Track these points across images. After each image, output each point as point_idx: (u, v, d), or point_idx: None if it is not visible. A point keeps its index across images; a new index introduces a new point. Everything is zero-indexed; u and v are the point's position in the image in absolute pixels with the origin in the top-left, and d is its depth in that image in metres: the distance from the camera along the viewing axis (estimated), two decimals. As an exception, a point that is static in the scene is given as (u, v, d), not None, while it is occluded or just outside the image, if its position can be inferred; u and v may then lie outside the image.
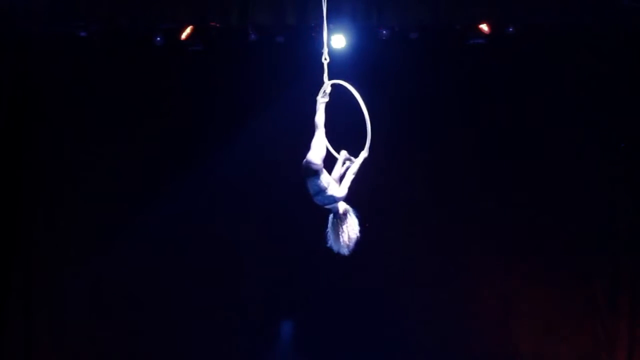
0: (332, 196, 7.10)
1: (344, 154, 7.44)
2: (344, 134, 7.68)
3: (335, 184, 7.17)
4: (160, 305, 11.25)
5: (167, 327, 11.26)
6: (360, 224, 7.25)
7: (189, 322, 11.27)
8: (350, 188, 7.22)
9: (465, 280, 11.25)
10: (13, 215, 11.29)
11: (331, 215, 7.24)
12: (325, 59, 7.43)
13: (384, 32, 10.86)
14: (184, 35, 10.83)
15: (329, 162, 7.36)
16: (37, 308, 11.28)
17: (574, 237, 11.11)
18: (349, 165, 7.36)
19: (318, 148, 7.10)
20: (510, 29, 10.76)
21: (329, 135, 7.41)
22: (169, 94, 11.35)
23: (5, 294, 11.25)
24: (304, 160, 7.06)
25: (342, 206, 7.22)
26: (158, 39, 10.87)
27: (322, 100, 7.29)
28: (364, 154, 7.37)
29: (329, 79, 7.40)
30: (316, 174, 7.05)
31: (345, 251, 7.21)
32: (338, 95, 7.51)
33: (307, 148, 7.14)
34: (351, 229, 7.20)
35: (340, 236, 7.17)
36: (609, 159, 11.12)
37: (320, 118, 7.24)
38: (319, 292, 11.23)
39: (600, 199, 11.13)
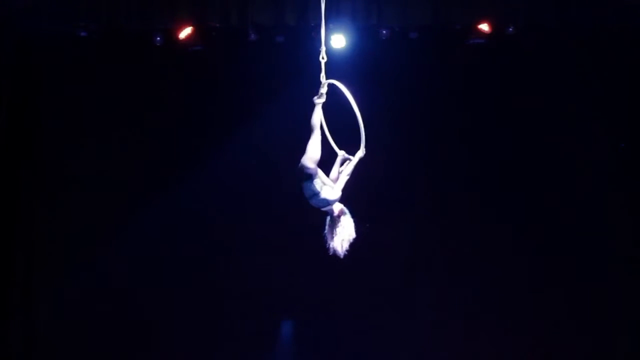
0: (325, 199, 7.08)
1: (342, 153, 7.42)
2: (345, 134, 7.66)
3: (330, 187, 7.16)
4: (160, 305, 11.25)
5: (167, 327, 11.26)
6: (357, 225, 7.24)
7: (189, 322, 11.27)
8: (344, 190, 7.21)
9: (465, 280, 11.24)
10: (13, 215, 11.28)
11: (328, 217, 7.23)
12: (323, 58, 7.40)
13: (384, 32, 10.84)
14: (183, 35, 10.82)
15: (329, 162, 7.37)
16: (37, 307, 11.29)
17: (573, 237, 11.10)
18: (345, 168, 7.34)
19: (312, 151, 7.06)
20: (510, 29, 10.74)
21: (332, 134, 7.41)
22: (168, 94, 11.35)
23: (5, 293, 11.25)
24: (299, 164, 7.05)
25: (337, 207, 7.20)
26: (158, 38, 10.88)
27: (318, 101, 7.25)
28: (359, 153, 7.35)
29: (328, 78, 7.38)
30: (310, 177, 7.03)
31: (340, 252, 7.18)
32: (340, 95, 7.49)
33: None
34: (346, 230, 7.18)
35: (336, 237, 7.15)
36: (608, 159, 11.12)
37: (316, 119, 7.18)
38: (319, 292, 11.22)
39: (599, 199, 11.11)
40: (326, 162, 7.36)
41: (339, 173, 7.33)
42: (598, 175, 11.13)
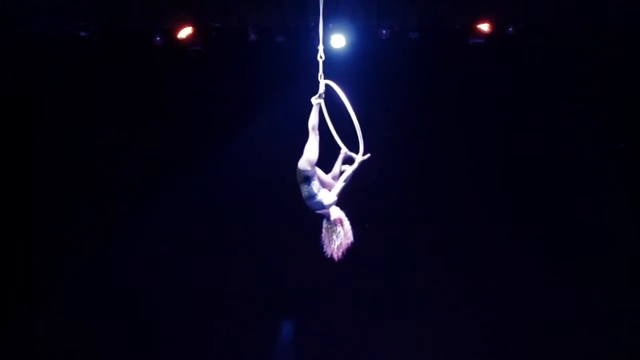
0: (320, 202, 7.06)
1: (345, 150, 7.38)
2: (348, 134, 7.65)
3: (326, 189, 7.13)
4: (160, 305, 11.26)
5: (167, 327, 11.26)
6: (355, 228, 7.21)
7: (189, 322, 11.28)
8: (339, 195, 7.17)
9: (464, 282, 11.24)
10: (13, 215, 11.30)
11: (324, 220, 7.20)
12: (321, 57, 7.36)
13: (384, 31, 10.85)
14: (183, 35, 10.81)
15: (330, 161, 7.37)
16: (37, 307, 11.30)
17: (573, 238, 11.10)
18: (345, 168, 7.30)
19: (310, 153, 7.03)
20: (510, 29, 10.75)
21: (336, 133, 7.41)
22: (168, 94, 11.34)
23: (5, 294, 11.26)
24: (297, 166, 7.03)
25: (334, 212, 7.16)
26: (158, 38, 10.89)
27: (317, 101, 7.21)
28: (359, 157, 7.27)
29: (328, 78, 7.35)
30: (307, 179, 7.01)
31: (335, 257, 7.15)
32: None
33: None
34: (343, 235, 7.15)
35: (332, 242, 7.13)
36: (609, 159, 11.12)
37: (314, 120, 7.14)
38: (319, 292, 11.23)
39: (600, 199, 11.11)
40: (327, 162, 7.35)
41: (340, 172, 7.29)
42: (598, 175, 11.12)
